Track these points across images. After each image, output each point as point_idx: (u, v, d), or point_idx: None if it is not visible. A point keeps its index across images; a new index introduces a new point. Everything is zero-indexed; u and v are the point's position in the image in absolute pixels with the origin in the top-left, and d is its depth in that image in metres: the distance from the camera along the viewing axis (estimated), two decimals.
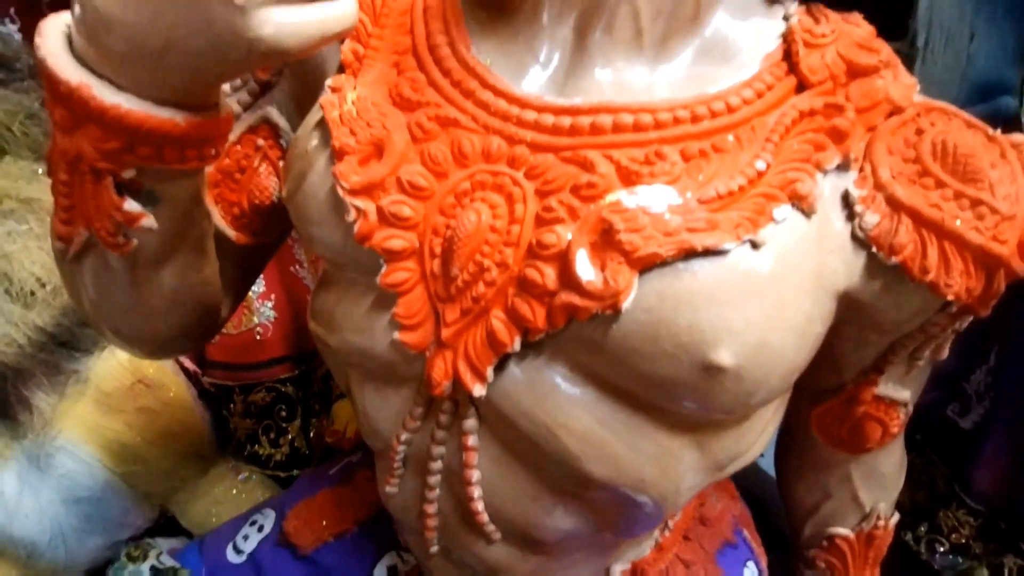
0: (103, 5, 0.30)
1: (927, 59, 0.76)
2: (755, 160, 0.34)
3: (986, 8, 0.72)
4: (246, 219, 0.50)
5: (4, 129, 0.83)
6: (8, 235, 0.73)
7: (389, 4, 0.42)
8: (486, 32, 0.41)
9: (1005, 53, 0.72)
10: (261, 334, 0.89)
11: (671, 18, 0.38)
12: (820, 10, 0.40)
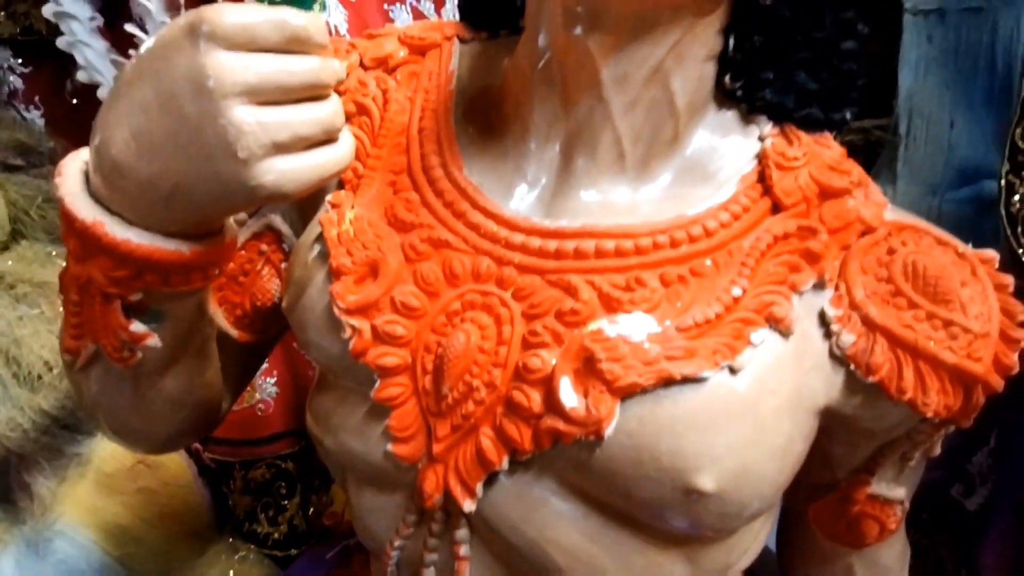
0: (118, 155, 0.33)
1: (910, 145, 0.79)
2: (731, 286, 0.36)
3: (963, 98, 0.75)
4: (248, 319, 0.52)
5: (22, 213, 0.87)
6: (20, 319, 0.75)
7: (387, 125, 0.45)
8: (477, 152, 0.43)
9: (985, 140, 0.74)
10: (263, 410, 0.89)
11: (651, 142, 0.41)
12: (793, 132, 0.42)
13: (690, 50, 0.39)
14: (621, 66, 0.38)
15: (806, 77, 0.41)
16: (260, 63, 0.30)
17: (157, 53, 0.31)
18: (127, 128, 0.32)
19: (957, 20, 0.75)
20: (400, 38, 0.48)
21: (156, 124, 0.31)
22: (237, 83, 0.30)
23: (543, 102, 0.41)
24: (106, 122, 0.33)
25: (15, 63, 1.00)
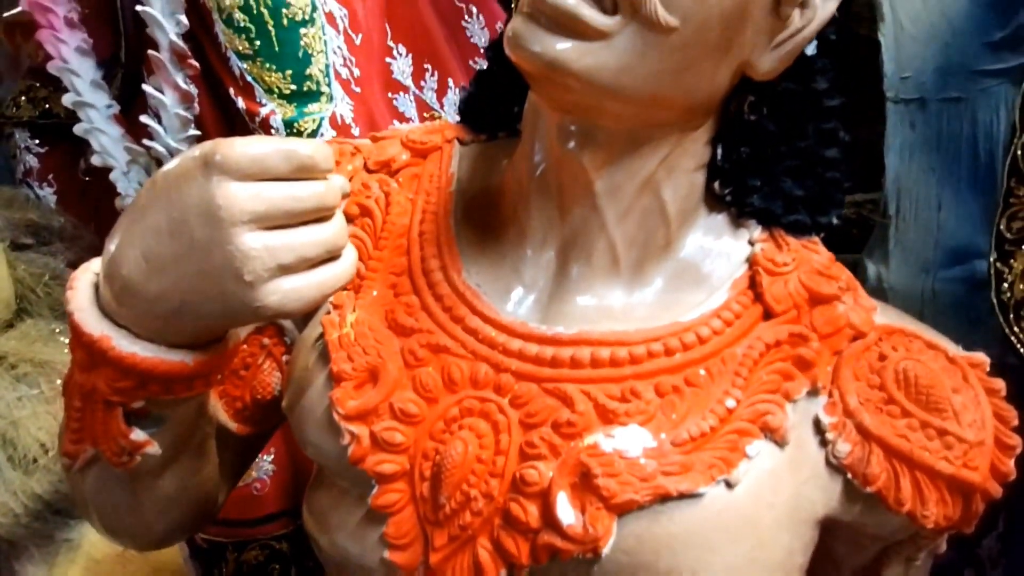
0: (129, 273, 0.34)
1: (900, 226, 0.81)
2: (725, 397, 0.36)
3: (949, 181, 0.78)
4: (248, 412, 0.52)
5: (29, 291, 0.88)
6: (19, 400, 0.75)
7: (388, 227, 0.47)
8: (476, 254, 0.44)
9: (972, 221, 0.76)
10: (259, 489, 0.88)
11: (645, 247, 0.42)
12: (782, 236, 0.43)
13: (679, 162, 0.41)
14: (613, 178, 0.40)
15: (792, 184, 0.43)
16: (269, 191, 0.32)
17: (171, 182, 0.33)
18: (139, 249, 0.33)
19: (938, 109, 0.78)
20: (403, 141, 0.50)
21: (167, 247, 0.33)
22: (246, 212, 0.31)
23: (539, 209, 0.42)
24: (119, 242, 0.35)
25: (32, 143, 1.03)
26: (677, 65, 0.36)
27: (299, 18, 0.73)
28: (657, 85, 0.36)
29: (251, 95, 0.74)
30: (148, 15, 0.72)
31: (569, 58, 0.34)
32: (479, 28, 0.84)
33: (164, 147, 0.78)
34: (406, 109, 0.84)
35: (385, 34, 0.83)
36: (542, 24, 0.34)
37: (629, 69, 0.35)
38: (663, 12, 0.33)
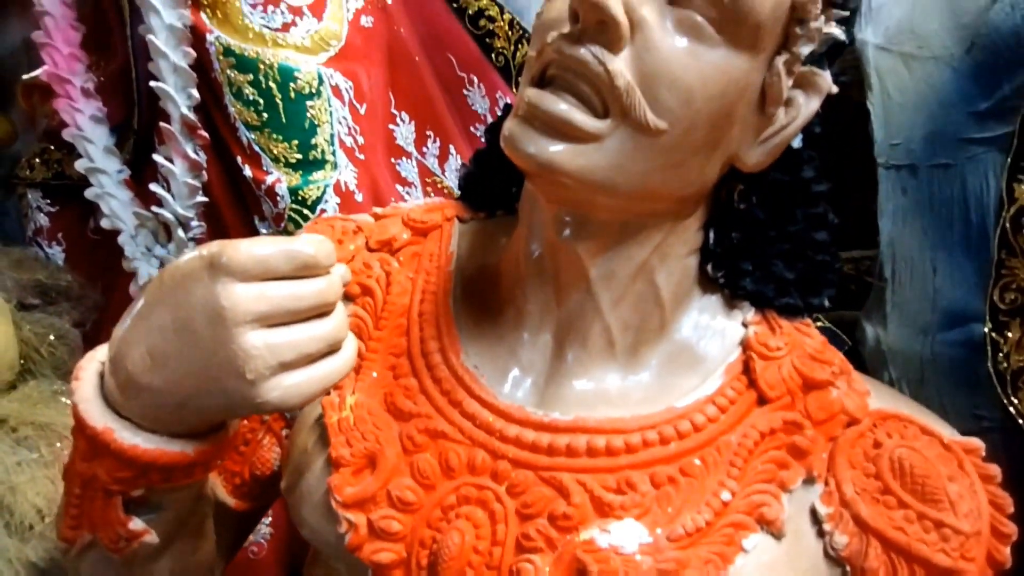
0: (133, 368, 0.34)
1: (896, 289, 0.81)
2: (721, 489, 0.36)
3: (943, 245, 0.79)
4: (247, 487, 0.52)
5: (32, 351, 0.89)
6: (18, 465, 0.75)
7: (389, 307, 0.47)
8: (474, 334, 0.45)
9: (968, 284, 0.77)
10: (256, 553, 0.87)
11: (640, 331, 0.43)
12: (775, 319, 0.44)
13: (672, 249, 0.42)
14: (608, 266, 0.41)
15: (783, 267, 0.44)
16: (272, 291, 0.33)
17: (178, 282, 0.34)
18: (144, 345, 0.34)
19: (928, 175, 0.80)
20: (404, 220, 0.51)
21: (171, 344, 0.33)
22: (249, 312, 0.32)
23: (536, 292, 0.43)
24: (125, 337, 0.35)
25: (43, 203, 1.06)
26: (667, 163, 0.37)
27: (306, 91, 0.76)
28: (648, 182, 0.37)
29: (258, 164, 0.77)
30: (161, 89, 0.75)
31: (563, 160, 0.36)
32: (480, 96, 0.87)
33: (172, 214, 0.80)
34: (408, 174, 0.86)
35: (389, 102, 0.86)
36: (536, 127, 0.36)
37: (621, 168, 0.36)
38: (652, 116, 0.35)
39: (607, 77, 0.34)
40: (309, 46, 0.76)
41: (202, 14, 0.75)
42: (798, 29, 0.37)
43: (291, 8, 0.75)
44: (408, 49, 0.86)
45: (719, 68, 0.35)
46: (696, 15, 0.35)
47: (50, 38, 0.87)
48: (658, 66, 0.35)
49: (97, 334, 1.02)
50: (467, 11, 0.88)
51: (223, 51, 0.74)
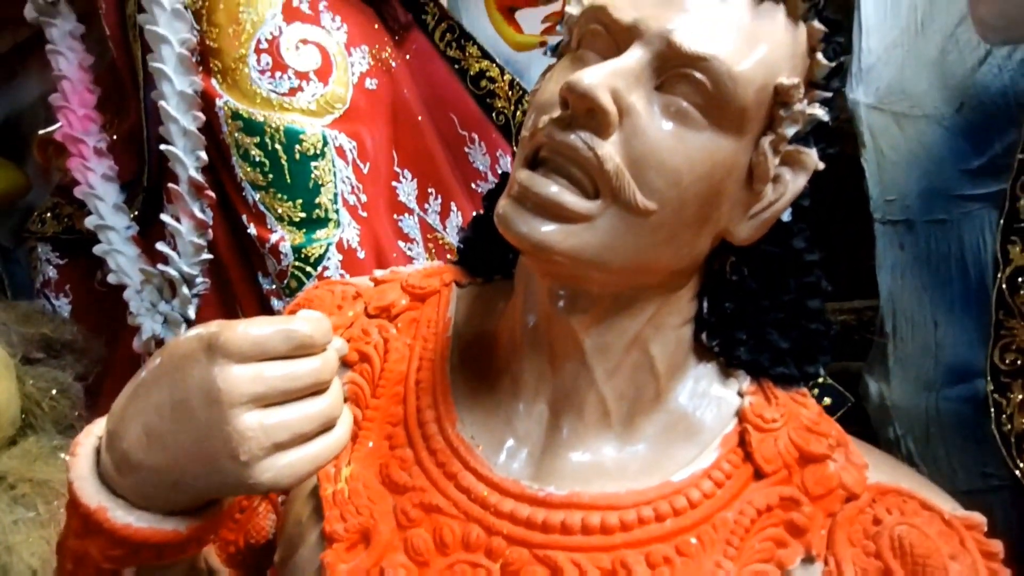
0: (129, 447, 0.35)
1: (898, 344, 0.81)
2: (717, 570, 0.36)
3: (943, 300, 0.79)
4: (241, 556, 0.51)
5: (34, 405, 0.89)
6: (15, 524, 0.74)
7: (386, 374, 0.48)
8: (471, 402, 0.45)
9: (970, 339, 0.76)
10: None
11: (635, 401, 0.43)
12: (770, 388, 0.44)
13: (666, 319, 0.42)
14: (602, 337, 0.41)
15: (778, 336, 0.44)
16: (268, 371, 0.33)
17: (176, 362, 0.34)
18: (140, 425, 0.34)
19: (925, 230, 0.80)
20: (403, 286, 0.52)
21: (167, 425, 0.34)
22: (245, 394, 0.32)
23: (531, 362, 0.43)
24: (122, 414, 0.36)
25: (53, 256, 1.08)
26: (658, 241, 0.38)
27: (311, 152, 0.78)
28: (640, 258, 0.38)
29: (263, 222, 0.78)
30: (171, 152, 0.78)
31: (554, 240, 0.36)
32: (481, 154, 0.89)
33: (177, 271, 0.82)
34: (410, 230, 0.88)
35: (392, 160, 0.88)
36: (528, 207, 0.37)
37: (612, 247, 0.37)
38: (641, 198, 0.36)
39: (597, 161, 0.35)
40: (315, 109, 0.79)
41: (213, 80, 0.78)
42: (782, 112, 0.38)
43: (298, 74, 0.78)
44: (412, 109, 0.89)
45: (705, 150, 0.36)
46: (682, 101, 0.36)
47: (67, 101, 0.90)
48: (646, 150, 0.36)
49: (99, 387, 1.02)
50: (468, 72, 0.91)
51: (232, 115, 0.77)
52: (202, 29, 0.78)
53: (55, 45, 0.90)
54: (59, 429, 0.90)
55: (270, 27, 0.77)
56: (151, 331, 0.87)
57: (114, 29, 0.87)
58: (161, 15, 0.74)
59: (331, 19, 0.82)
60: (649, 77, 0.36)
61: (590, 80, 0.34)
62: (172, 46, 0.75)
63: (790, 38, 0.38)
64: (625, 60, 0.36)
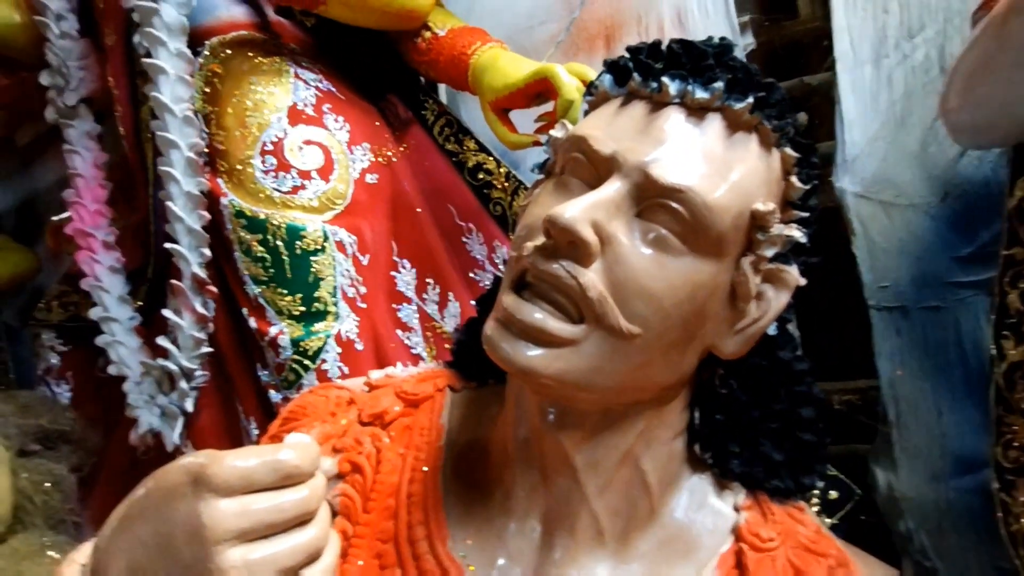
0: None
1: (902, 433, 0.80)
2: None
3: (945, 388, 0.78)
4: None
5: (26, 500, 0.88)
6: None
7: (378, 486, 0.47)
8: (463, 516, 0.44)
9: (975, 427, 0.75)
10: None
11: (629, 517, 0.42)
12: (767, 503, 0.43)
13: (657, 433, 0.42)
14: (593, 454, 0.41)
15: (771, 447, 0.44)
16: (255, 505, 0.33)
17: (162, 496, 0.34)
18: (124, 559, 0.34)
19: (920, 317, 0.81)
20: (396, 392, 0.52)
21: (151, 561, 0.33)
22: (230, 530, 0.32)
23: (523, 476, 0.43)
24: (107, 547, 0.35)
25: (56, 343, 1.09)
26: (643, 362, 0.38)
27: (311, 248, 0.79)
28: (626, 379, 0.38)
29: (263, 316, 0.79)
30: (175, 250, 0.80)
31: (540, 365, 0.37)
32: (478, 244, 0.91)
33: (177, 365, 0.82)
34: (409, 319, 0.88)
35: (391, 250, 0.90)
36: (513, 332, 0.38)
37: (598, 369, 0.37)
38: (624, 322, 0.37)
39: (580, 289, 0.36)
40: (316, 206, 0.81)
41: (219, 179, 0.81)
42: (760, 235, 0.39)
43: (301, 173, 0.81)
44: (411, 201, 0.91)
45: (685, 275, 0.37)
46: (661, 228, 0.37)
47: (79, 196, 0.93)
48: (628, 276, 0.37)
49: (94, 477, 1.01)
50: (466, 164, 0.94)
51: (235, 213, 0.79)
52: (211, 132, 0.82)
53: (72, 145, 0.94)
54: (49, 524, 0.88)
55: (276, 130, 0.81)
56: (148, 424, 0.86)
57: (128, 130, 0.91)
58: (172, 121, 0.78)
59: (334, 120, 0.85)
60: (629, 206, 0.38)
61: (571, 214, 0.36)
62: (181, 150, 0.78)
63: (764, 164, 0.40)
64: (605, 192, 0.37)
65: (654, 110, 0.39)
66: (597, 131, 0.39)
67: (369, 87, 0.94)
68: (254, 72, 0.83)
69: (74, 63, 0.94)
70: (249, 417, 0.86)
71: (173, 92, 0.78)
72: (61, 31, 0.93)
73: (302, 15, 0.90)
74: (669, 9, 0.93)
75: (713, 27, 0.90)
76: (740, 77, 0.39)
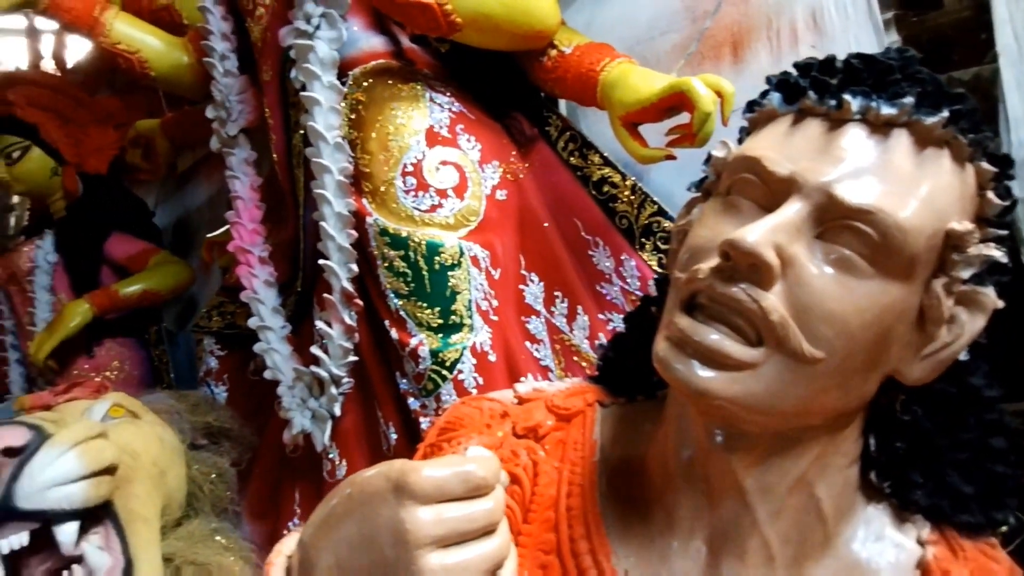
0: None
1: None
2: None
3: None
4: None
5: (197, 488, 0.98)
6: None
7: (537, 498, 0.49)
8: (623, 533, 0.45)
9: None
10: None
11: (801, 544, 0.41)
12: (954, 538, 0.41)
13: (832, 460, 0.41)
14: (764, 478, 0.40)
15: (959, 479, 0.41)
16: (449, 513, 0.36)
17: (365, 499, 0.37)
18: (333, 556, 0.38)
19: None
20: (548, 405, 0.54)
21: (357, 559, 0.37)
22: (429, 536, 0.35)
23: (686, 497, 0.43)
24: (314, 543, 0.39)
25: (215, 348, 1.21)
26: (825, 387, 0.37)
27: (449, 263, 0.84)
28: (805, 403, 0.38)
29: (404, 328, 0.84)
30: (328, 266, 0.86)
31: (718, 387, 0.37)
32: (605, 257, 0.92)
33: (327, 372, 0.89)
34: (537, 331, 0.90)
35: (519, 264, 0.93)
36: (688, 353, 0.38)
37: (778, 393, 0.37)
38: (808, 347, 0.36)
39: (761, 312, 0.36)
40: (452, 223, 0.85)
41: (364, 199, 0.87)
42: (955, 256, 0.37)
43: (438, 191, 0.85)
44: (538, 216, 0.94)
45: (873, 297, 0.36)
46: (845, 250, 0.36)
47: (239, 217, 1.03)
48: (811, 299, 0.36)
49: (249, 472, 1.11)
50: (591, 179, 0.95)
51: (380, 231, 0.85)
52: (356, 156, 0.88)
53: (233, 171, 1.05)
54: (216, 512, 0.98)
55: (415, 152, 0.86)
56: (300, 426, 0.94)
57: (281, 156, 1.00)
58: (325, 148, 0.85)
59: (467, 140, 0.89)
60: (810, 228, 0.37)
61: (753, 238, 0.35)
62: (333, 174, 0.85)
63: (957, 180, 0.38)
64: (785, 214, 0.37)
65: (832, 128, 0.38)
66: (771, 151, 0.39)
67: (495, 105, 0.98)
68: (394, 98, 0.89)
69: (235, 97, 1.04)
70: (388, 422, 0.91)
71: (326, 121, 0.85)
72: (224, 70, 1.03)
73: (437, 42, 0.95)
74: (803, 10, 0.89)
75: (854, 27, 0.86)
76: (930, 90, 0.37)
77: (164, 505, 0.87)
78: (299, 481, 1.02)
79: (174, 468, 0.92)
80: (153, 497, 0.84)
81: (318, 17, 0.84)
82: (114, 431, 0.82)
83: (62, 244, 1.52)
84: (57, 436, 0.71)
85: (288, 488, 1.04)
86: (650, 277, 0.88)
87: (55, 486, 0.69)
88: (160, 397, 1.05)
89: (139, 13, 1.24)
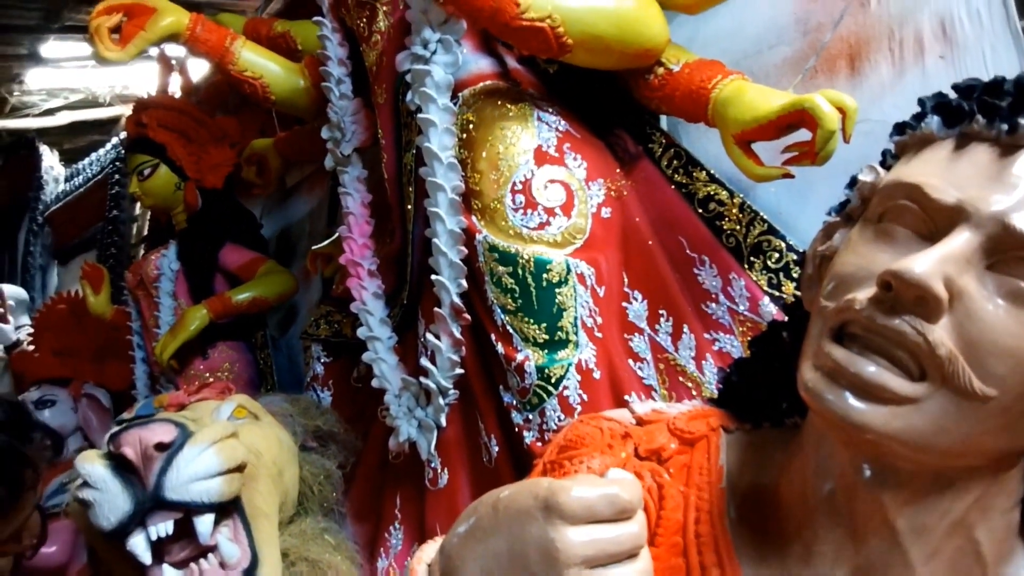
0: None
1: None
2: None
3: None
4: None
5: (307, 488, 1.03)
6: None
7: (663, 523, 0.49)
8: (756, 565, 0.44)
9: None
10: None
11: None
12: None
13: (994, 502, 0.39)
14: (919, 518, 0.39)
15: None
16: (598, 535, 0.36)
17: (513, 516, 0.39)
18: (479, 566, 0.39)
19: None
20: (670, 428, 0.53)
21: (504, 572, 0.38)
22: (579, 556, 0.36)
23: (828, 533, 0.42)
24: (459, 552, 0.41)
25: (322, 355, 1.27)
26: (994, 427, 0.35)
27: (556, 280, 0.85)
28: (970, 443, 0.36)
29: (510, 342, 0.86)
30: (439, 282, 0.90)
31: (876, 423, 0.36)
32: (711, 276, 0.90)
33: (435, 383, 0.92)
34: (640, 350, 0.90)
35: (623, 281, 0.93)
36: (843, 385, 0.37)
37: (942, 431, 0.35)
38: (978, 383, 0.34)
39: (927, 347, 0.35)
40: (559, 241, 0.86)
41: (474, 217, 0.90)
42: None
43: (546, 210, 0.87)
44: (642, 233, 0.93)
45: None
46: (1020, 282, 0.35)
47: (351, 232, 1.09)
48: (983, 334, 0.34)
49: (352, 475, 1.16)
50: (696, 196, 0.94)
51: (489, 248, 0.87)
52: (466, 175, 0.91)
53: (346, 188, 1.11)
54: (323, 512, 1.03)
55: (524, 171, 0.88)
56: (407, 434, 0.97)
57: (392, 174, 1.04)
58: (439, 168, 0.88)
59: (573, 158, 0.91)
60: (980, 259, 0.35)
61: (921, 269, 0.34)
62: (446, 192, 0.88)
63: None
64: (954, 244, 0.35)
65: (1004, 154, 0.37)
66: (934, 178, 0.37)
67: (599, 123, 0.99)
68: (503, 118, 0.91)
69: (349, 119, 1.10)
70: (490, 434, 0.93)
71: (440, 141, 0.88)
72: (340, 93, 1.10)
73: (546, 63, 0.97)
74: (931, 19, 0.85)
75: (989, 36, 0.80)
76: None
77: (281, 503, 0.93)
78: (400, 487, 1.06)
79: (290, 468, 0.97)
80: (273, 495, 0.90)
81: (435, 43, 0.88)
82: (242, 431, 0.89)
83: (183, 253, 1.66)
84: (198, 434, 0.78)
85: (390, 493, 1.08)
86: (760, 298, 0.86)
87: (197, 480, 0.75)
88: (275, 400, 1.12)
89: (258, 39, 1.34)
